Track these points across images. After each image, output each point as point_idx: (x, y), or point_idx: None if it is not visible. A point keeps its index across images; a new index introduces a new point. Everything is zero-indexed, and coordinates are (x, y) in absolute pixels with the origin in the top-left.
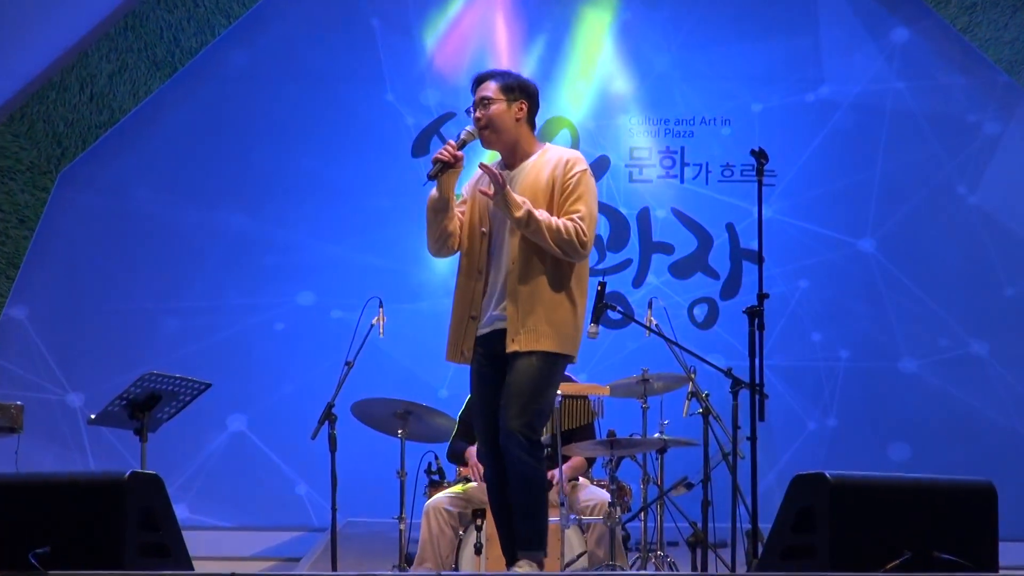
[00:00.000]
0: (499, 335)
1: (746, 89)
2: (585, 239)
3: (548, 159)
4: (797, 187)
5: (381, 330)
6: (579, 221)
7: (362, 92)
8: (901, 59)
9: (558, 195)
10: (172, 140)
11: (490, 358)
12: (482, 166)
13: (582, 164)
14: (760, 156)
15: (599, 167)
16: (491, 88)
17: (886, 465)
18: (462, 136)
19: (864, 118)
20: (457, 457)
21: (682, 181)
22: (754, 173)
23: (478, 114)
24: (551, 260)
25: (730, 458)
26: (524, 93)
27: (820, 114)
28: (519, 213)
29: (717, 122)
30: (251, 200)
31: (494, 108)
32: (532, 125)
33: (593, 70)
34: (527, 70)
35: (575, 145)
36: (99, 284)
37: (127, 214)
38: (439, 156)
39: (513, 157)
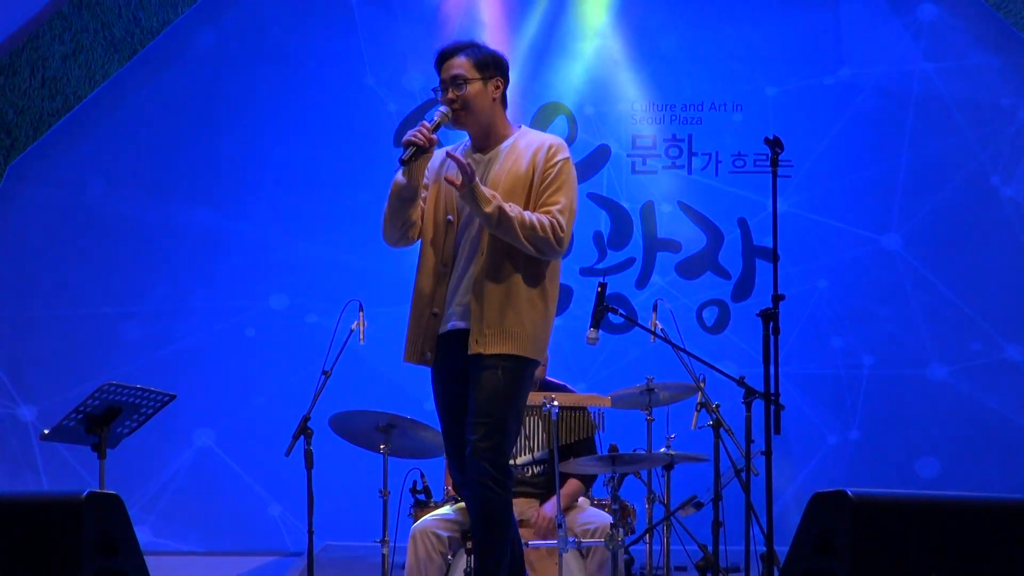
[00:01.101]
0: (463, 335)
1: (759, 71)
2: (563, 235)
3: (527, 144)
4: (815, 178)
5: (361, 336)
6: (557, 215)
7: (339, 75)
8: (928, 38)
9: (537, 184)
10: (132, 128)
11: (451, 362)
12: (450, 155)
13: (564, 152)
14: (775, 145)
15: (599, 157)
16: (464, 65)
17: (913, 482)
18: (436, 119)
19: (888, 103)
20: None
21: (690, 172)
22: (768, 163)
23: (452, 95)
24: (523, 254)
25: (743, 475)
26: (499, 69)
27: (840, 98)
28: (488, 208)
29: (728, 107)
30: (218, 194)
31: (470, 88)
32: (505, 104)
33: (592, 51)
34: (520, 50)
35: (573, 134)
36: (52, 287)
37: (83, 210)
38: (413, 139)
39: (487, 139)
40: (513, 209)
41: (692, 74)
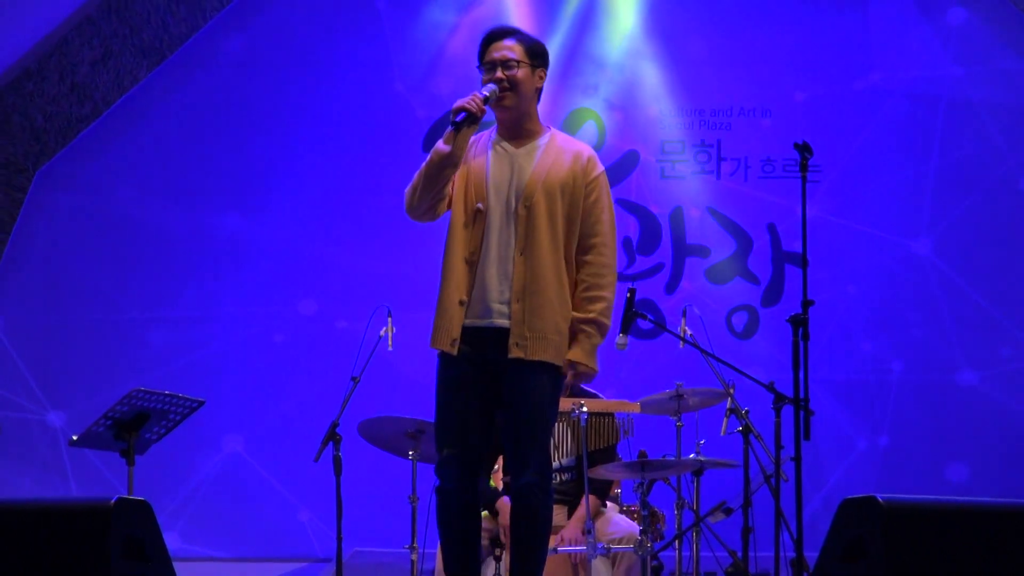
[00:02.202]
0: (491, 333)
1: (788, 76)
2: (612, 262)
3: (564, 149)
4: (844, 183)
5: (390, 342)
6: (604, 255)
7: (368, 80)
8: (958, 42)
9: (580, 199)
10: (160, 134)
11: (474, 359)
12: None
13: (600, 165)
14: (804, 150)
15: (628, 162)
16: (515, 48)
17: (943, 488)
18: (487, 93)
19: (918, 107)
20: (487, 503)
21: (718, 177)
22: (797, 168)
23: (501, 74)
24: (554, 251)
25: (772, 480)
26: (544, 60)
27: (869, 103)
28: (594, 359)
29: (757, 112)
30: (247, 199)
31: (520, 72)
32: (539, 98)
33: (620, 56)
34: (549, 55)
35: (602, 140)
36: (81, 293)
37: (112, 216)
38: (467, 105)
39: (519, 131)
40: (590, 327)
41: (721, 79)
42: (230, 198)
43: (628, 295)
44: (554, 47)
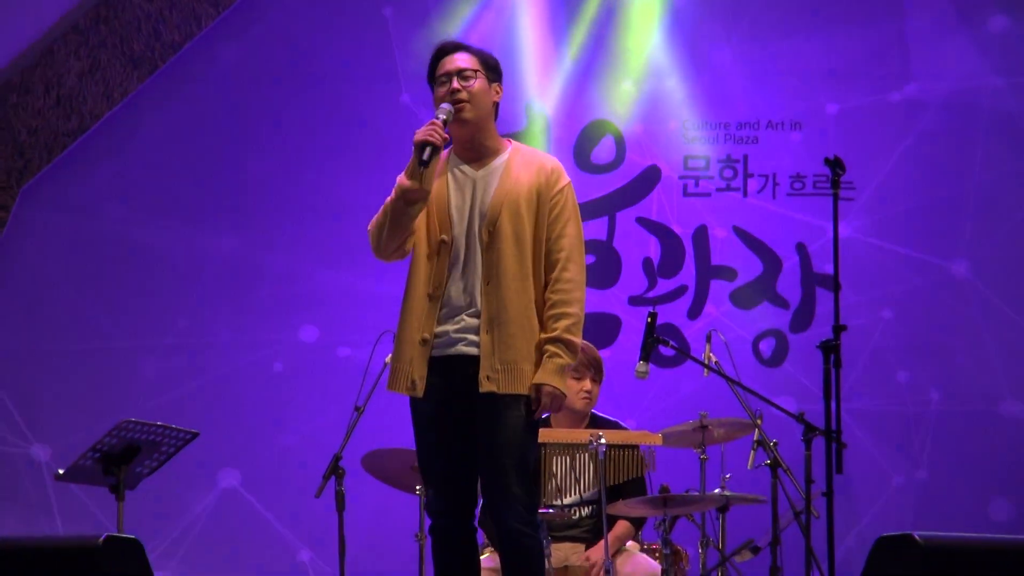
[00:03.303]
0: (460, 361)
1: (820, 87)
2: (582, 279)
3: (526, 163)
4: (879, 201)
5: None
6: (569, 270)
7: (373, 93)
8: (999, 51)
9: (545, 213)
10: (152, 150)
11: (443, 393)
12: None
13: (566, 176)
14: (836, 165)
15: (648, 179)
16: (472, 60)
17: (986, 526)
18: (443, 116)
19: (957, 120)
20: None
21: (745, 195)
22: (829, 185)
23: (458, 84)
24: (521, 276)
25: (803, 517)
26: (499, 76)
27: (906, 116)
28: (560, 378)
29: (786, 126)
30: (244, 220)
31: (478, 83)
32: (497, 115)
33: (641, 66)
34: (565, 65)
35: (621, 154)
36: (68, 319)
37: (100, 236)
38: (430, 138)
39: (478, 151)
40: (555, 346)
41: (747, 90)
42: (226, 218)
43: (649, 320)
44: (570, 56)
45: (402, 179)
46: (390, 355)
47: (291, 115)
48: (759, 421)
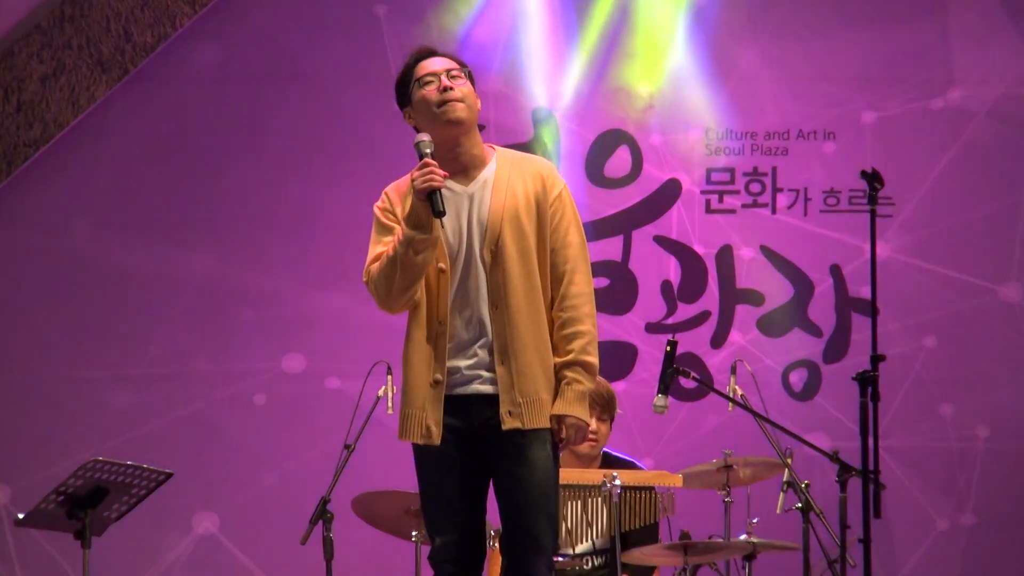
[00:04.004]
0: (477, 401)
1: (855, 93)
2: (590, 291)
3: (516, 168)
4: (921, 218)
5: (390, 404)
6: (576, 283)
7: (366, 100)
8: None
9: (547, 222)
10: (122, 162)
11: (458, 431)
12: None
13: (561, 178)
14: (873, 179)
15: (668, 193)
16: (454, 62)
17: None
18: (428, 151)
19: (1006, 129)
20: None
21: (774, 211)
22: (866, 201)
23: (447, 82)
24: (530, 296)
25: (837, 566)
26: (475, 87)
27: (949, 124)
28: (585, 407)
29: (818, 135)
30: (223, 237)
31: (466, 84)
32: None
33: (659, 70)
34: (576, 68)
35: (637, 167)
36: (29, 346)
37: (65, 256)
38: (434, 183)
39: (464, 162)
40: (572, 372)
41: (776, 96)
42: (203, 235)
43: (667, 349)
44: (581, 59)
45: (406, 231)
46: (383, 387)
47: (275, 123)
48: (789, 460)
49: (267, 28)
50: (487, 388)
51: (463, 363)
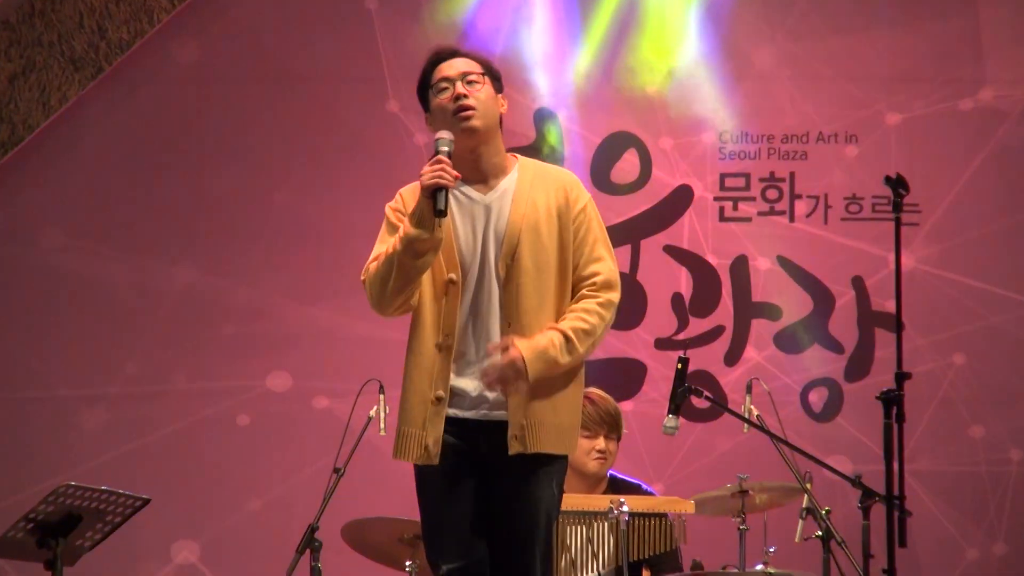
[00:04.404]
0: (485, 426)
1: (879, 93)
2: (615, 295)
3: (539, 179)
4: (949, 227)
5: (382, 425)
6: (603, 293)
7: (355, 99)
8: None
9: (569, 237)
10: (96, 166)
11: (462, 453)
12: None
13: (586, 191)
14: (898, 185)
15: (678, 200)
16: (473, 64)
17: None
18: (445, 149)
19: None
20: None
21: (792, 219)
22: (890, 208)
23: (463, 89)
24: (546, 315)
25: None
26: (502, 88)
27: (980, 127)
28: (561, 359)
29: (839, 138)
30: (204, 247)
31: (485, 89)
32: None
33: (670, 70)
34: (581, 65)
35: (646, 171)
36: None
37: (34, 268)
38: (442, 180)
39: (484, 170)
40: (556, 339)
41: (794, 97)
42: (182, 245)
43: (678, 366)
44: (587, 56)
45: (408, 228)
46: (375, 407)
47: (259, 125)
48: (809, 485)
49: (250, 24)
50: (498, 413)
51: (470, 384)
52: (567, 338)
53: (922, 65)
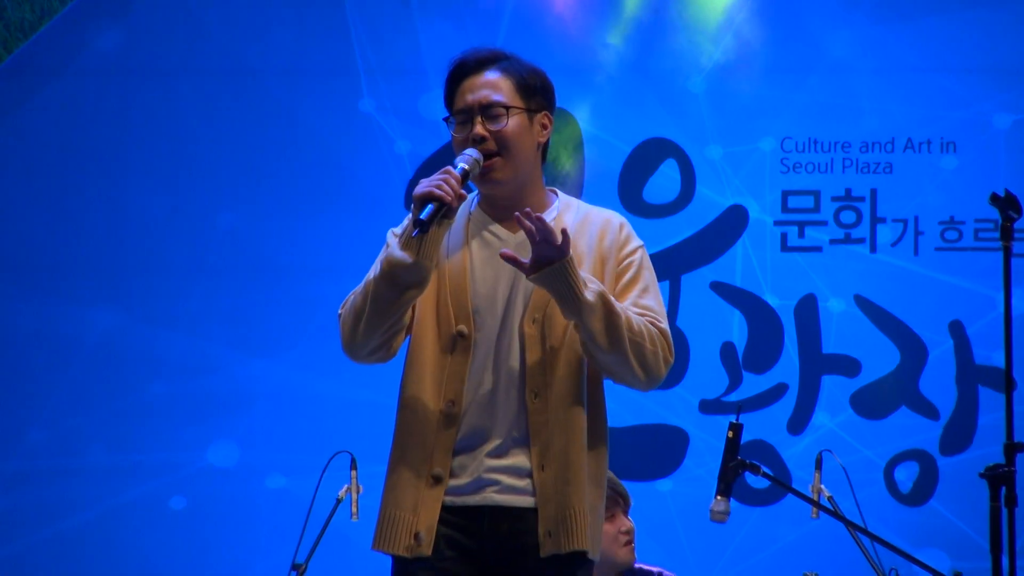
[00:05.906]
0: (494, 515)
1: (984, 89)
2: (670, 354)
3: (582, 220)
4: None
5: (354, 509)
6: (658, 322)
7: (321, 97)
8: None
9: (610, 281)
10: None
11: (461, 547)
12: (504, 255)
13: (637, 237)
14: (1008, 205)
15: (730, 224)
16: (502, 86)
17: None
18: (465, 166)
19: None
20: None
21: (873, 249)
22: (997, 235)
23: (482, 130)
24: (581, 384)
25: None
26: (548, 100)
27: None
28: (588, 295)
29: (933, 147)
30: (128, 285)
31: (511, 123)
32: (545, 155)
33: (716, 61)
34: (608, 58)
35: (688, 189)
36: None
37: None
38: (435, 192)
39: (516, 208)
40: (616, 303)
41: (877, 95)
42: (102, 282)
43: (730, 435)
44: (613, 47)
45: (394, 252)
46: (345, 487)
47: (201, 130)
48: None
49: (187, 4)
50: (513, 499)
51: (478, 463)
52: (624, 313)
53: None
